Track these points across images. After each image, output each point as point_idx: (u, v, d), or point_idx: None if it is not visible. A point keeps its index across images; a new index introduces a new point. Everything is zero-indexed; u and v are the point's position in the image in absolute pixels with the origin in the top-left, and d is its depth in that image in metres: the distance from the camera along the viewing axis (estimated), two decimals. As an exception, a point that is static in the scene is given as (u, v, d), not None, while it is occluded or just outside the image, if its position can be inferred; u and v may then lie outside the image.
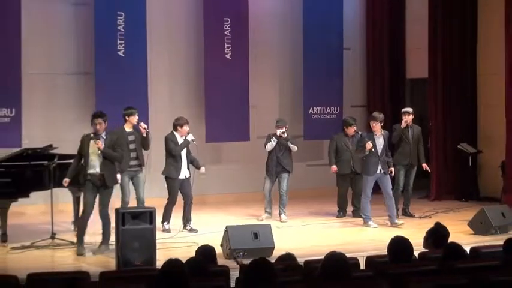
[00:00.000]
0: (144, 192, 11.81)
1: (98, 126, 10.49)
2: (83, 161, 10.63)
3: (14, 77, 13.30)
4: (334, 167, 13.30)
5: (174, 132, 12.07)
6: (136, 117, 11.81)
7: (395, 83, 16.54)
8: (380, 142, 12.37)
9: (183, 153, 12.03)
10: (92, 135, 10.52)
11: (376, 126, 12.38)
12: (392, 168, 12.82)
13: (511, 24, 14.21)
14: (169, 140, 12.00)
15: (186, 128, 12.04)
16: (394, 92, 16.49)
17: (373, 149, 12.28)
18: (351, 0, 16.40)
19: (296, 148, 13.09)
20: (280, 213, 13.01)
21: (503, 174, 14.56)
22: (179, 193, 12.12)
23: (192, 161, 12.20)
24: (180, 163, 11.98)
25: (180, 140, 12.00)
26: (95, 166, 10.50)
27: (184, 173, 12.04)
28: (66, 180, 10.70)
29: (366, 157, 12.38)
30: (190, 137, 12.04)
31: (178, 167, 11.98)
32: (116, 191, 11.48)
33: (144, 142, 11.81)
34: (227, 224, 10.65)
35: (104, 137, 10.50)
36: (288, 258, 7.66)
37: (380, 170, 12.35)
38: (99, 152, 10.46)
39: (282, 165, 12.96)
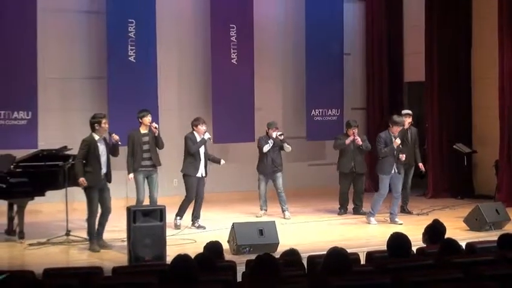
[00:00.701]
0: (157, 192, 11.96)
1: (107, 125, 10.79)
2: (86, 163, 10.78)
3: (30, 81, 13.47)
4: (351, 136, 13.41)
5: (194, 132, 12.27)
6: (149, 118, 11.96)
7: (393, 87, 16.74)
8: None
9: (202, 152, 12.21)
10: (96, 136, 10.73)
11: (398, 130, 12.48)
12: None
13: (503, 30, 14.43)
14: (188, 139, 12.19)
15: (201, 127, 12.21)
16: (393, 95, 16.69)
17: (400, 145, 12.44)
18: (351, 9, 16.63)
19: (290, 148, 13.33)
20: (283, 211, 13.21)
21: (497, 173, 14.77)
22: None
23: (210, 158, 12.41)
24: (198, 161, 12.17)
25: (199, 139, 12.21)
26: (103, 167, 10.76)
27: (201, 171, 12.23)
28: (83, 180, 10.67)
29: (383, 157, 12.47)
30: (207, 136, 12.22)
31: (196, 165, 12.16)
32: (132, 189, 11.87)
33: (157, 142, 11.97)
34: (229, 221, 10.87)
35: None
36: (291, 254, 7.72)
37: (395, 170, 12.50)
38: (119, 143, 10.79)
39: (275, 165, 13.18)
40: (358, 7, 16.95)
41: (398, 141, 12.43)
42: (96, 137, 10.78)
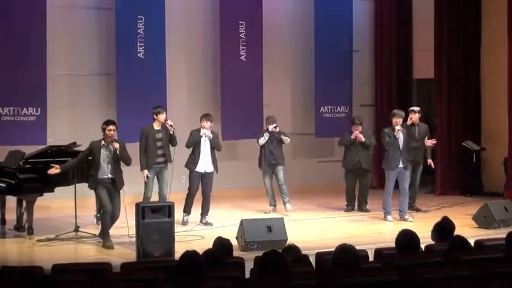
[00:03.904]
0: (167, 189, 11.99)
1: (113, 132, 10.77)
2: (86, 166, 10.94)
3: (39, 77, 13.52)
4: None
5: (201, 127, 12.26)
6: (164, 115, 12.02)
7: (402, 83, 16.71)
8: (401, 137, 12.50)
9: (204, 147, 12.20)
10: (102, 142, 10.78)
11: (397, 121, 12.49)
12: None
13: (513, 27, 14.42)
14: (190, 134, 12.28)
15: (204, 123, 12.21)
16: (402, 92, 16.66)
17: (400, 133, 12.46)
18: (360, 5, 16.61)
19: (289, 140, 13.35)
20: (284, 203, 13.19)
21: (506, 170, 14.71)
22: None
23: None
24: (197, 157, 12.20)
25: (203, 134, 12.22)
26: (105, 172, 10.76)
27: (203, 167, 12.24)
28: (56, 167, 10.87)
29: (389, 152, 12.50)
30: (202, 132, 12.18)
31: (195, 160, 12.20)
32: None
33: (170, 139, 12.02)
34: (237, 217, 10.90)
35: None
36: (292, 250, 7.79)
37: (401, 165, 12.51)
38: (118, 152, 10.67)
39: (274, 158, 13.19)
40: (367, 4, 16.94)
41: (398, 127, 12.44)
42: (102, 142, 10.85)
